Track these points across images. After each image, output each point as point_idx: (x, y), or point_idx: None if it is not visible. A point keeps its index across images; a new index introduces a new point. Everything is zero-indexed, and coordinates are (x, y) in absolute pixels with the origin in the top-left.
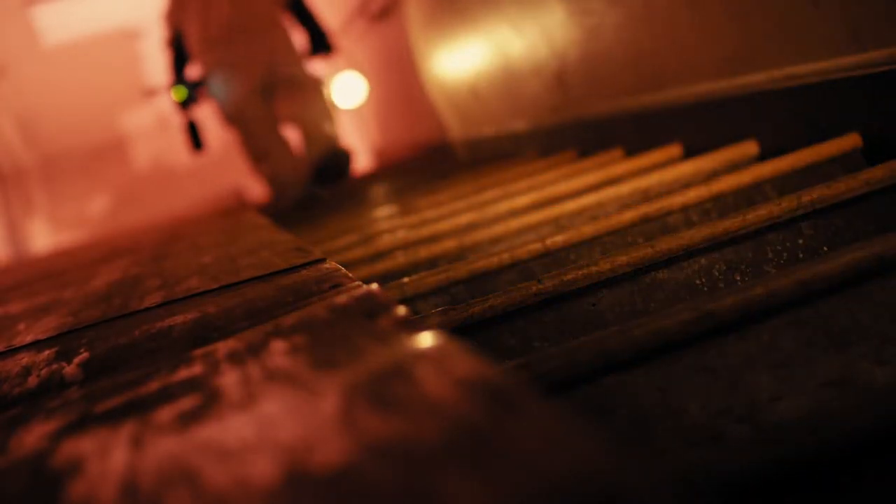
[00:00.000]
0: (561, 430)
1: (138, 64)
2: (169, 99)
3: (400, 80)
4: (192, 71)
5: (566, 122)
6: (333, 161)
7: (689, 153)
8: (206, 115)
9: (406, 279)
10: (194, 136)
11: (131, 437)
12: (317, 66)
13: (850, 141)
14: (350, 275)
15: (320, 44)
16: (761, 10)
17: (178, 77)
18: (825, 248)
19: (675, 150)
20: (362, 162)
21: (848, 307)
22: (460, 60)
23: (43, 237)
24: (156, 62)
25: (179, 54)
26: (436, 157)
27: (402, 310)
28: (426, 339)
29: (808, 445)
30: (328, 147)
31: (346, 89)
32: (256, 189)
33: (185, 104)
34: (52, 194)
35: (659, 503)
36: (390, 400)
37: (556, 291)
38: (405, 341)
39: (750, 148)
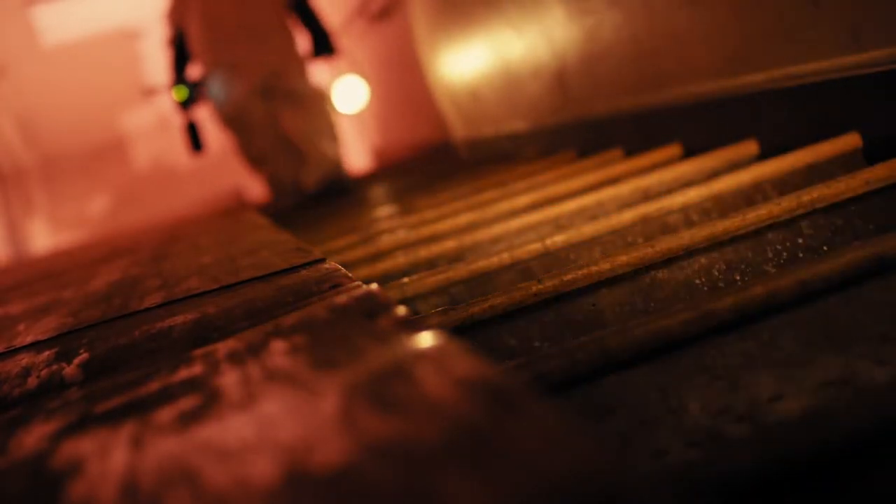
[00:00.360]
0: (561, 430)
1: (138, 64)
2: (169, 98)
3: (400, 79)
4: (194, 71)
5: (567, 123)
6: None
7: (690, 153)
8: (207, 115)
9: (406, 279)
10: (194, 137)
11: (131, 437)
12: (319, 70)
13: (850, 141)
14: (350, 275)
15: (323, 45)
16: (761, 10)
17: (179, 76)
18: (825, 248)
19: (674, 150)
20: (362, 162)
21: (848, 307)
22: (462, 61)
23: (43, 237)
24: (156, 62)
25: (181, 53)
26: (436, 157)
27: (402, 310)
28: (426, 339)
29: (808, 445)
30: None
31: (348, 94)
32: (256, 189)
33: (186, 104)
34: (52, 194)
35: (659, 503)
36: (390, 400)
37: (556, 291)
38: (405, 341)
39: (750, 148)
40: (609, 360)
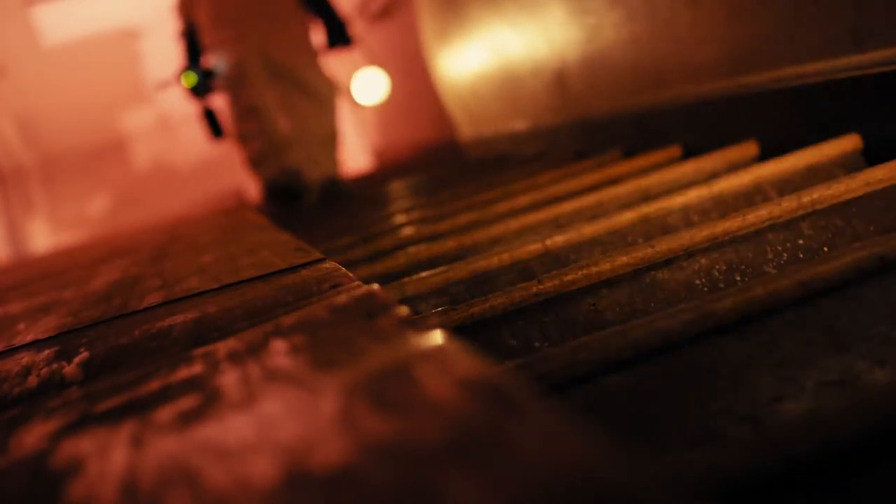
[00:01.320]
0: (561, 431)
1: (138, 64)
2: (180, 87)
3: (400, 78)
4: (207, 62)
5: (566, 122)
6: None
7: (689, 153)
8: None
9: (406, 279)
10: (213, 123)
11: (131, 436)
12: (333, 63)
13: (850, 141)
14: (350, 274)
15: (339, 36)
16: (761, 10)
17: (189, 64)
18: (825, 248)
19: (675, 150)
20: (362, 162)
21: (848, 307)
22: (462, 59)
23: (43, 237)
24: (156, 62)
25: (192, 45)
26: (438, 157)
27: (402, 310)
28: (426, 339)
29: (808, 445)
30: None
31: (368, 86)
32: (256, 189)
33: (197, 91)
34: (52, 194)
35: (659, 503)
36: (390, 400)
37: (556, 291)
38: (405, 341)
39: (750, 148)
40: (609, 360)
